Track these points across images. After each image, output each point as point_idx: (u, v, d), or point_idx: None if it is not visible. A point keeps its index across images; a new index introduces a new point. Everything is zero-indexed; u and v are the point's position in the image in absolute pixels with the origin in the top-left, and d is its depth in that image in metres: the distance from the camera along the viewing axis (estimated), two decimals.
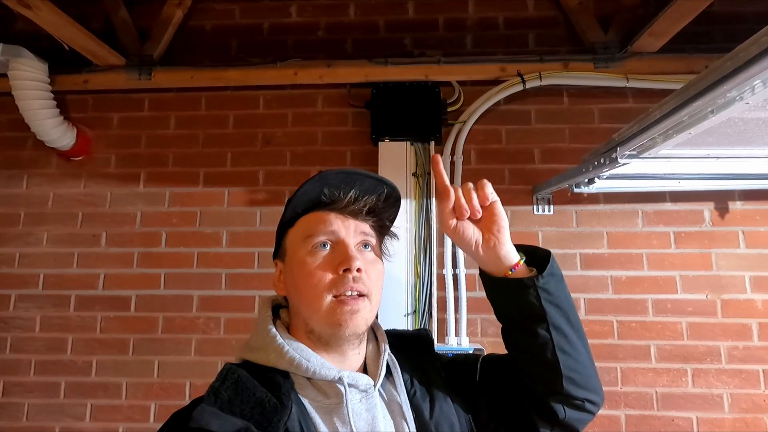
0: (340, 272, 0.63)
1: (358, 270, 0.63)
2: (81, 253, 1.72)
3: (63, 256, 1.72)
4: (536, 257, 0.68)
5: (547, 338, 0.63)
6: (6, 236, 1.74)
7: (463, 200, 0.63)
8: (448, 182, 0.66)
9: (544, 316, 0.63)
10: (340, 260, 0.64)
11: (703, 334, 1.56)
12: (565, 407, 0.65)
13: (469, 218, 0.64)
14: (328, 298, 0.63)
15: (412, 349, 0.76)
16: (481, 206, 0.64)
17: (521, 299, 0.64)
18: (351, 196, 0.67)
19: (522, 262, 0.66)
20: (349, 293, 0.63)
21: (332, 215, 0.67)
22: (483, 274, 0.69)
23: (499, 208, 0.65)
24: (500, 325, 0.71)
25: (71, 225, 1.74)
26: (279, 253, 0.72)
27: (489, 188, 0.64)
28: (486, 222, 0.65)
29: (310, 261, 0.65)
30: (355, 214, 0.68)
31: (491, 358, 0.77)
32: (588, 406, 0.66)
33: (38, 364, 1.66)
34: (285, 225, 0.71)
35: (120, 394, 1.62)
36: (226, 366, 0.62)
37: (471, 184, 0.65)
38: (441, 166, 0.67)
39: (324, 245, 0.66)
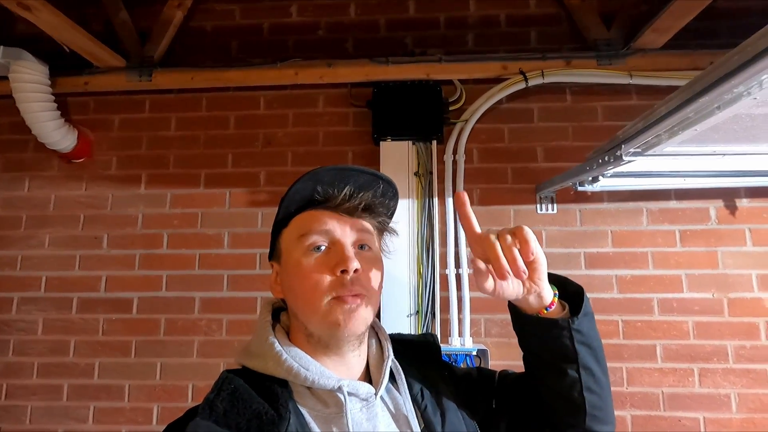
0: (338, 273, 0.61)
1: (356, 271, 0.61)
2: (83, 255, 1.72)
3: (65, 258, 1.72)
4: (566, 290, 0.65)
5: (575, 378, 0.62)
6: (8, 239, 1.74)
7: (503, 261, 0.55)
8: (478, 228, 0.60)
9: (576, 357, 0.61)
10: (337, 261, 0.61)
11: (709, 333, 1.54)
12: None
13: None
14: (327, 299, 0.61)
15: (419, 358, 0.73)
16: (525, 262, 0.56)
17: (554, 339, 0.62)
18: (345, 193, 0.65)
19: (556, 300, 0.63)
20: (347, 295, 0.61)
21: (326, 214, 0.65)
22: (513, 308, 0.66)
23: (541, 255, 0.58)
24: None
25: (73, 227, 1.74)
26: (274, 255, 0.70)
27: (531, 239, 0.56)
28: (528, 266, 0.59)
29: (306, 262, 0.62)
30: (351, 212, 0.65)
31: (508, 377, 0.75)
32: None
33: (41, 367, 1.65)
34: (279, 225, 0.68)
35: (123, 396, 1.62)
36: (222, 375, 0.60)
37: (509, 238, 0.56)
38: (468, 207, 0.61)
39: (319, 247, 0.63)
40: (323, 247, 0.63)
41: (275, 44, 1.82)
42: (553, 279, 0.65)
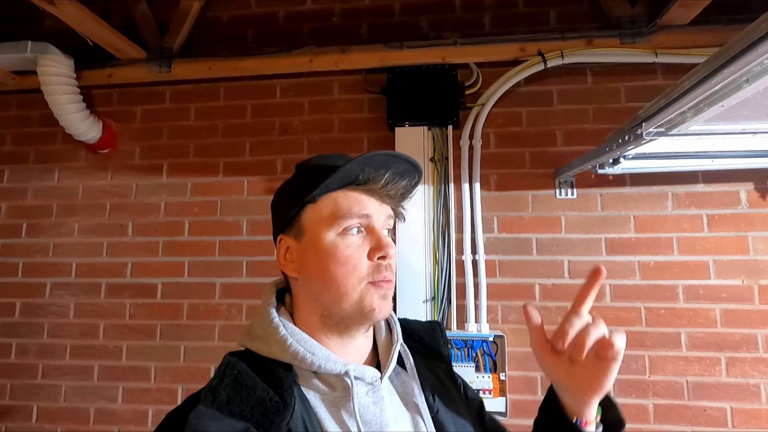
0: (375, 260, 0.61)
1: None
2: (110, 242, 1.78)
3: (93, 245, 1.79)
4: (606, 415, 0.62)
5: None
6: (41, 227, 1.83)
7: (571, 331, 0.55)
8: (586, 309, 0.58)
9: None
10: (375, 247, 0.61)
11: (738, 321, 1.48)
12: None
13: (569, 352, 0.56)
14: (363, 284, 0.60)
15: (425, 353, 0.74)
16: (598, 354, 0.54)
17: None
18: (387, 179, 0.63)
19: (594, 421, 0.59)
20: (382, 281, 0.62)
21: (365, 196, 0.63)
22: (551, 394, 0.64)
23: (616, 367, 0.55)
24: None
25: (100, 216, 1.80)
26: (291, 229, 0.65)
27: (618, 344, 0.53)
28: (593, 373, 0.56)
29: (343, 245, 0.61)
30: (390, 199, 0.65)
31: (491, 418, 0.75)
32: None
33: (73, 349, 1.74)
34: (304, 199, 0.63)
35: (149, 377, 1.68)
36: (225, 359, 0.59)
37: (603, 328, 0.55)
38: (598, 284, 0.58)
39: (356, 229, 0.62)
40: (358, 231, 0.62)
41: (290, 32, 1.83)
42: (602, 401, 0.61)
